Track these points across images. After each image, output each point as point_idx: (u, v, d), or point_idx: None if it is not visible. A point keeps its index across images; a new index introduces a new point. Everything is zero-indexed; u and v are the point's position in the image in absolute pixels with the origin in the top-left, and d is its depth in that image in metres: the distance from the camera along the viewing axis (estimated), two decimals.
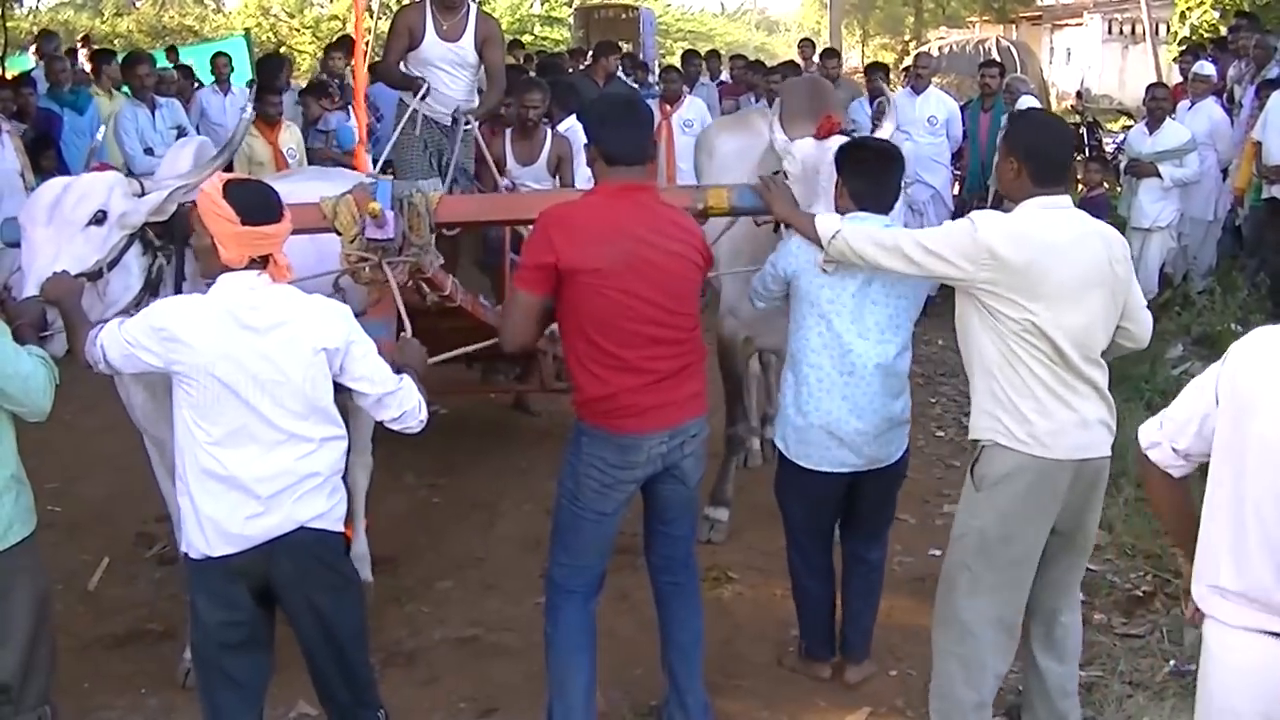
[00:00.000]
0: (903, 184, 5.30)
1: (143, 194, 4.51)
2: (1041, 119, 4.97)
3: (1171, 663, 5.19)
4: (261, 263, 3.85)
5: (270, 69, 12.26)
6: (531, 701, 4.95)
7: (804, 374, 4.83)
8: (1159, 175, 10.36)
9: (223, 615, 3.90)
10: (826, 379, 4.78)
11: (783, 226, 5.16)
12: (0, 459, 4.08)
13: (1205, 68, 11.78)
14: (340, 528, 3.99)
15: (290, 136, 10.17)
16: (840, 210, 4.84)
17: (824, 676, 5.22)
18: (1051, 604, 4.56)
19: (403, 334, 4.64)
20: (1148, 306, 4.52)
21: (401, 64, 7.36)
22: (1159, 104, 10.71)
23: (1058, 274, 4.14)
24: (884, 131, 5.91)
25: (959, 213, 11.80)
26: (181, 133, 10.64)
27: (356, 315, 4.79)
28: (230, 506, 3.79)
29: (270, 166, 9.59)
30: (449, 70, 7.31)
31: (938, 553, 6.37)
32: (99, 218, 4.34)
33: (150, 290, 4.50)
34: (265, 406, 3.77)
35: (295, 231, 4.82)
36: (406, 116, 7.14)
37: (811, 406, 4.80)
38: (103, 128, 8.70)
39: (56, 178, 4.63)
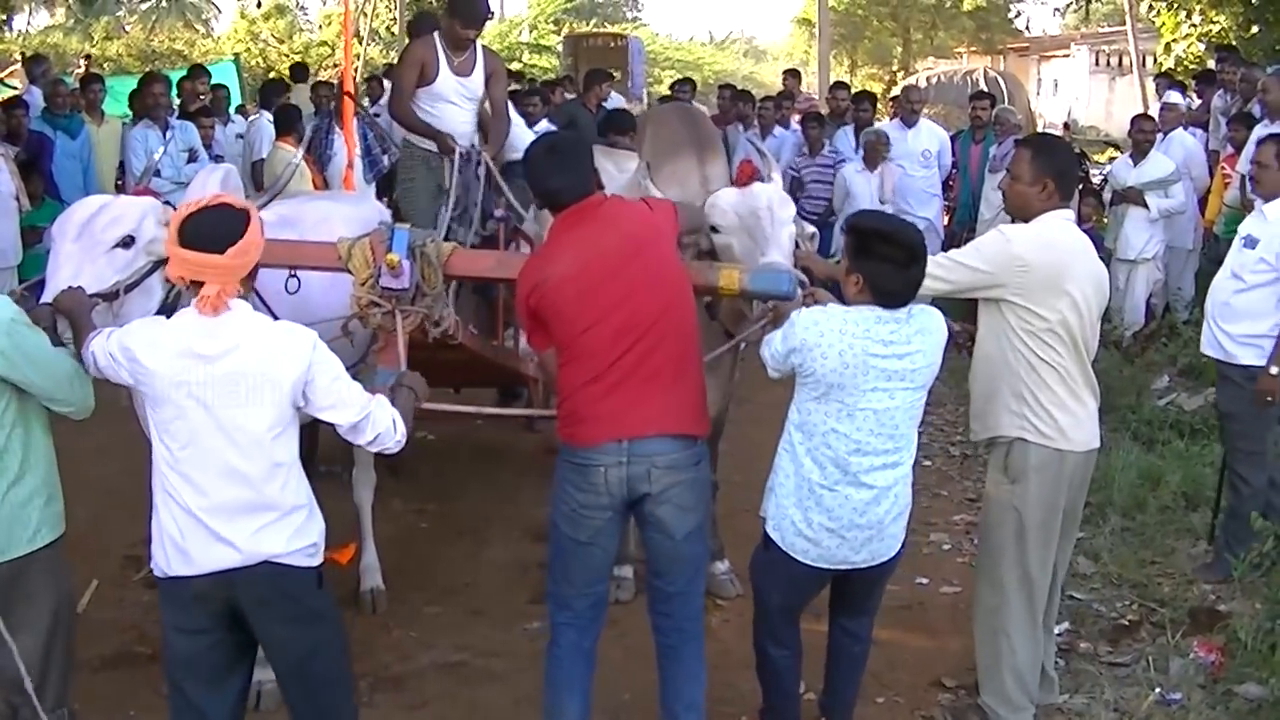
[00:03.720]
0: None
1: None
2: (1059, 143, 5.24)
3: (1157, 691, 5.21)
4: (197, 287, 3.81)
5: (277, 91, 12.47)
6: None
7: (806, 468, 4.37)
8: (1145, 206, 10.38)
9: (185, 641, 3.90)
10: (831, 476, 4.33)
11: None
12: (31, 465, 4.14)
13: (1173, 96, 11.85)
14: (311, 562, 3.91)
15: None
16: (849, 302, 4.34)
17: None
18: (1053, 579, 5.04)
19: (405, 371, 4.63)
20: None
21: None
22: (1145, 135, 10.73)
23: (1079, 274, 4.69)
24: (775, 183, 5.43)
25: (948, 244, 11.85)
26: (192, 157, 10.66)
27: (358, 361, 4.82)
28: (186, 529, 3.78)
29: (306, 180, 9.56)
30: (460, 104, 7.41)
31: (925, 581, 6.43)
32: (126, 241, 4.43)
33: (166, 314, 4.53)
34: (207, 434, 3.74)
35: (310, 269, 4.90)
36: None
37: (812, 502, 4.36)
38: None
39: (94, 196, 4.76)
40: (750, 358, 5.28)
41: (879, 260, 4.22)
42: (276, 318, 4.74)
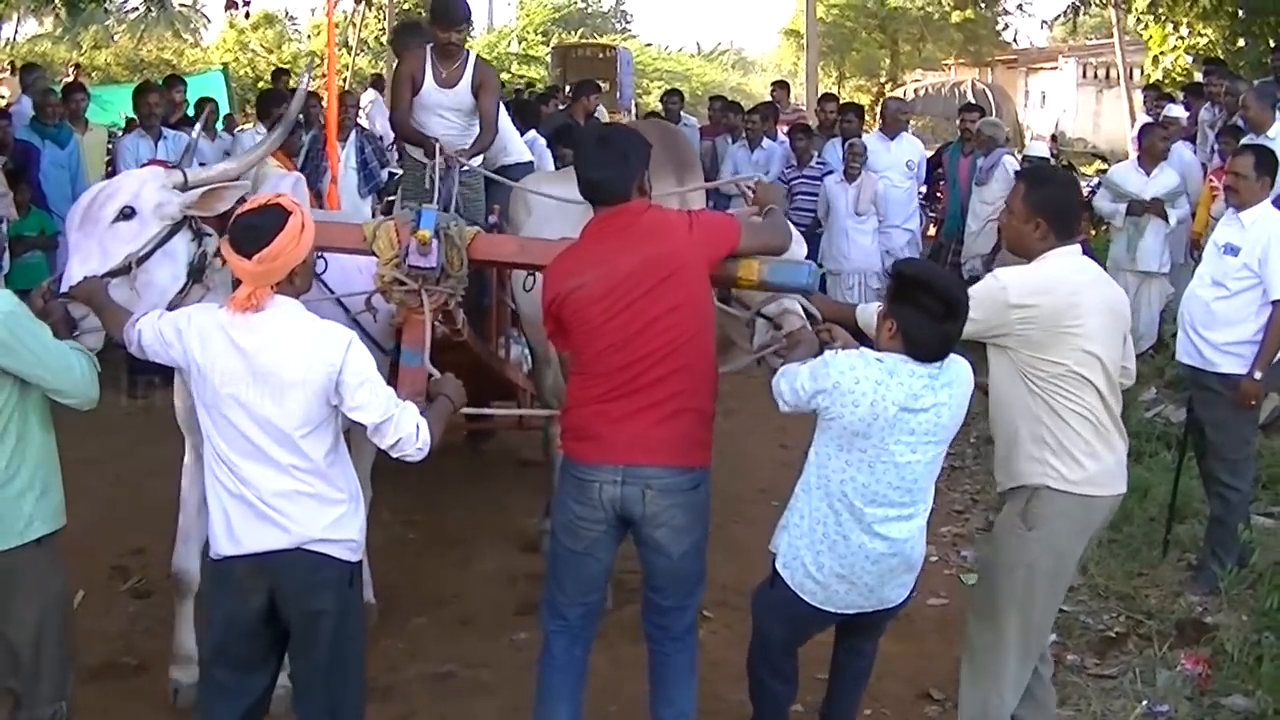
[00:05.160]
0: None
1: (185, 185, 4.66)
2: (1055, 177, 5.08)
3: (1144, 703, 5.22)
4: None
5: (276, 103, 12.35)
6: None
7: (821, 512, 4.29)
8: (1166, 218, 10.22)
9: (222, 630, 4.01)
10: (845, 524, 4.24)
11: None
12: (26, 458, 4.16)
13: (1175, 110, 11.85)
14: (350, 557, 4.00)
15: None
16: (879, 347, 4.24)
17: None
18: None
19: (446, 374, 4.63)
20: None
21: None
22: (1165, 143, 10.56)
23: (1088, 313, 4.41)
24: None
25: (934, 256, 11.86)
26: None
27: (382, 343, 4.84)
28: (233, 512, 3.91)
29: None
30: (446, 116, 7.47)
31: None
32: (126, 213, 4.50)
33: (194, 277, 4.65)
34: (245, 425, 3.84)
35: (335, 250, 4.95)
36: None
37: (824, 547, 4.27)
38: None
39: (96, 184, 4.83)
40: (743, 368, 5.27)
41: (916, 309, 4.10)
42: (332, 291, 4.97)
